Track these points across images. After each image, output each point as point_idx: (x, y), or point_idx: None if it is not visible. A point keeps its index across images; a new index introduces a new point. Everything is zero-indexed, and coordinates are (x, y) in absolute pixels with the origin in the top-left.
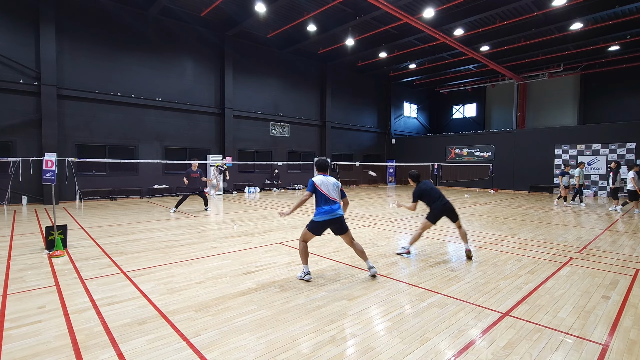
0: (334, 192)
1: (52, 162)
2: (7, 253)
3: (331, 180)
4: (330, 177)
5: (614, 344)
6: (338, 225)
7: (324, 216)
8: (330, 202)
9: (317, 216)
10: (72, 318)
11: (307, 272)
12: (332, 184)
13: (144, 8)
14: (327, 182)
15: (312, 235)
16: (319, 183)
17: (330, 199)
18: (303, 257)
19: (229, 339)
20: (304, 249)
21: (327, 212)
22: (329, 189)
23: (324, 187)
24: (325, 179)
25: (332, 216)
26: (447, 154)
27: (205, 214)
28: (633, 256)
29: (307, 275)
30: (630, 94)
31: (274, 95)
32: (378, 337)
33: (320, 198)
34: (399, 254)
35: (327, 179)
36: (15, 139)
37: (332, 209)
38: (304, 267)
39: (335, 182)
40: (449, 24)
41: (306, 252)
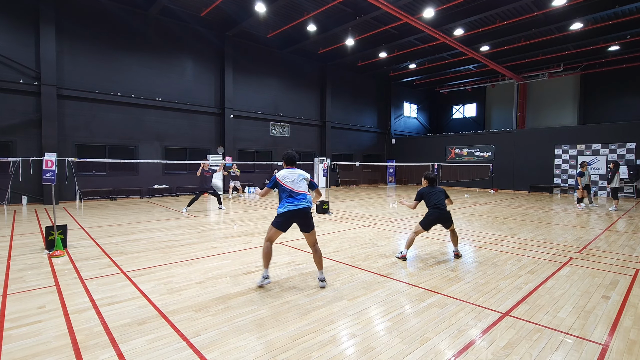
0: (300, 185)
1: (52, 162)
2: (7, 253)
3: (297, 172)
4: (296, 170)
5: (614, 344)
6: (303, 219)
7: (287, 207)
8: (295, 195)
9: (280, 209)
10: (72, 318)
11: (265, 277)
12: (297, 176)
13: (144, 8)
14: (291, 176)
15: (277, 232)
16: (282, 177)
17: (295, 192)
18: (265, 259)
19: (229, 339)
20: (267, 250)
21: (291, 202)
22: (294, 182)
23: (288, 181)
24: (290, 172)
25: (295, 206)
26: (447, 154)
27: (209, 213)
28: (633, 256)
29: (265, 280)
30: (630, 94)
31: (274, 95)
32: (378, 337)
33: (283, 193)
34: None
35: (293, 172)
36: (15, 139)
37: (296, 199)
38: (263, 271)
39: (303, 173)
40: (449, 24)
41: (269, 254)
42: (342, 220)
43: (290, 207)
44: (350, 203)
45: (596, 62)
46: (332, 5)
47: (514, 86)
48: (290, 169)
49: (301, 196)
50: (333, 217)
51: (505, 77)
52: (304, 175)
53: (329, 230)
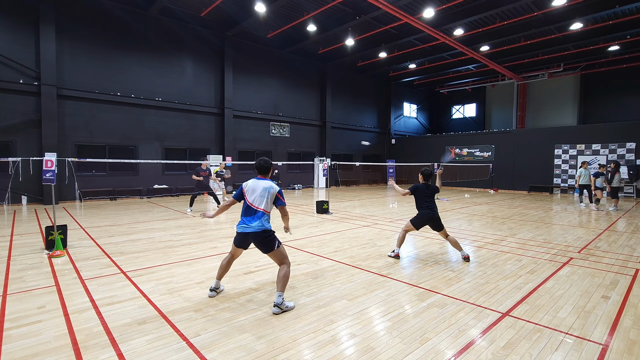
0: (259, 200)
1: (52, 162)
2: (7, 253)
3: (262, 184)
4: (263, 181)
5: (614, 344)
6: (257, 242)
7: (239, 226)
8: (251, 213)
9: (237, 226)
10: (72, 318)
11: (213, 288)
12: (261, 189)
13: (144, 8)
14: (255, 187)
15: (236, 249)
16: (247, 188)
17: (252, 207)
18: (219, 270)
19: (229, 339)
20: (224, 262)
21: (243, 223)
22: (254, 196)
23: (250, 193)
24: (256, 183)
25: (243, 229)
26: (447, 154)
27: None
28: (633, 256)
29: (211, 292)
30: (630, 94)
31: (274, 95)
32: (378, 337)
33: (243, 205)
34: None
35: (258, 182)
36: (15, 139)
37: (249, 220)
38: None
39: (269, 186)
40: (449, 24)
41: (225, 267)
42: (342, 220)
43: (240, 229)
44: (350, 203)
45: (596, 62)
46: (332, 5)
47: (514, 86)
48: (259, 179)
49: (256, 216)
50: (333, 217)
51: (505, 77)
52: (269, 189)
53: (329, 230)
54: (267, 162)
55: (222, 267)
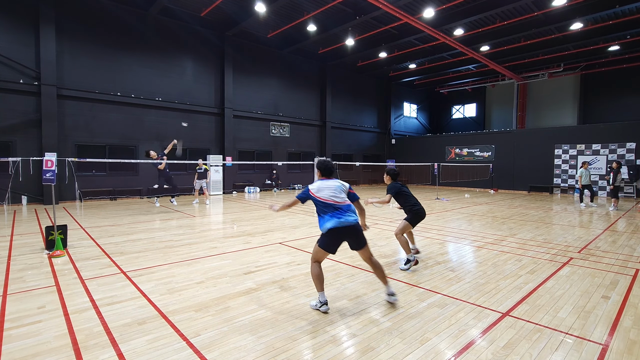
0: (339, 195)
1: (52, 162)
2: (7, 253)
3: (333, 182)
4: (332, 180)
5: (614, 344)
6: (353, 236)
7: (333, 223)
8: (338, 208)
9: (326, 224)
10: (72, 318)
11: (323, 302)
12: (335, 187)
13: (144, 8)
14: (328, 186)
15: (325, 254)
16: (316, 190)
17: (337, 204)
18: (317, 282)
19: (229, 339)
20: (316, 272)
21: (337, 217)
22: (331, 194)
23: (324, 193)
24: (325, 183)
25: (342, 223)
26: (447, 154)
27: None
28: (633, 256)
29: (323, 306)
30: (630, 94)
31: (274, 95)
32: (378, 337)
33: (322, 206)
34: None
35: (328, 182)
36: (15, 139)
37: (341, 214)
38: (319, 295)
39: (340, 184)
40: (449, 24)
41: (320, 276)
42: None
43: (337, 224)
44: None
45: (596, 62)
46: (332, 5)
47: (514, 86)
48: (326, 180)
49: (346, 207)
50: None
51: (505, 77)
52: (341, 186)
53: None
54: (330, 163)
55: (317, 277)
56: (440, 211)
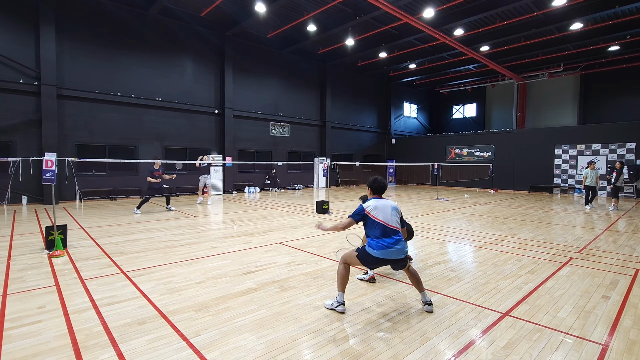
0: (394, 220)
1: (52, 162)
2: (7, 253)
3: (389, 203)
4: (388, 201)
5: (614, 344)
6: (400, 264)
7: (382, 251)
8: (389, 234)
9: (373, 249)
10: (72, 318)
11: (340, 302)
12: (390, 208)
13: (144, 8)
14: (384, 207)
15: (360, 265)
16: (372, 208)
17: (390, 228)
18: (340, 282)
19: (229, 339)
20: (344, 273)
21: (387, 247)
22: (386, 216)
23: (380, 213)
24: (380, 203)
25: (389, 255)
26: (447, 154)
27: (208, 213)
28: (633, 256)
29: (339, 306)
30: (630, 94)
31: (274, 95)
32: (378, 337)
33: (375, 227)
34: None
35: (384, 202)
36: (15, 139)
37: (392, 244)
38: (338, 295)
39: (395, 205)
40: (449, 24)
41: (346, 278)
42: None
43: (384, 255)
44: (350, 203)
45: (596, 62)
46: (332, 5)
47: (514, 86)
48: (380, 199)
49: (396, 236)
50: (333, 217)
51: (505, 77)
52: (397, 208)
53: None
54: (383, 181)
55: (341, 277)
56: (440, 211)
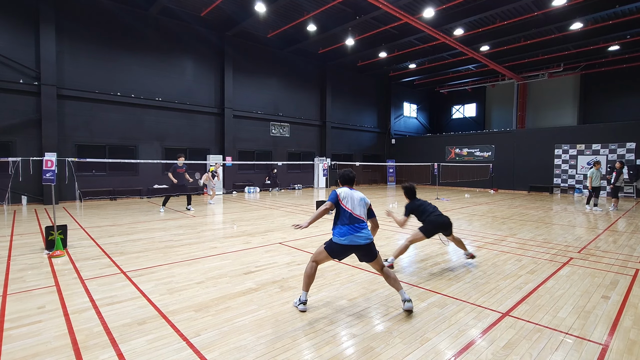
0: (360, 209)
1: (52, 162)
2: (7, 253)
3: (357, 194)
4: (355, 191)
5: (614, 344)
6: (363, 252)
7: (345, 239)
8: (354, 221)
9: (338, 237)
10: (72, 318)
11: (303, 301)
12: (358, 199)
13: (144, 8)
14: (352, 197)
15: (328, 258)
16: (343, 196)
17: (355, 216)
18: (305, 281)
19: (229, 339)
20: (310, 271)
21: (350, 233)
22: (354, 205)
23: (349, 201)
24: (350, 192)
25: (353, 242)
26: (447, 154)
27: (209, 213)
28: (633, 256)
29: (301, 305)
30: (630, 94)
31: (274, 95)
32: (378, 337)
33: (342, 215)
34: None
35: (352, 192)
36: (15, 139)
37: (356, 230)
38: (302, 294)
39: (363, 196)
40: (449, 24)
41: (311, 277)
42: None
43: (349, 242)
44: None
45: (596, 62)
46: (332, 5)
47: (514, 86)
48: (349, 189)
49: (361, 225)
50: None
51: (505, 77)
52: (365, 199)
53: (330, 231)
54: (352, 173)
55: (307, 276)
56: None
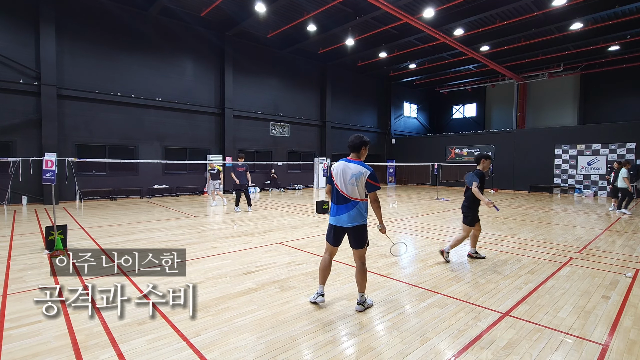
0: (350, 187)
1: (52, 162)
2: (7, 253)
3: (351, 169)
4: (352, 164)
5: (614, 344)
6: (350, 236)
7: (332, 218)
8: (342, 201)
9: (330, 216)
10: (72, 318)
11: (319, 293)
12: (350, 175)
13: (144, 8)
14: (344, 171)
15: (328, 245)
16: (336, 171)
17: (342, 195)
18: (320, 274)
19: (229, 339)
20: (322, 264)
21: (337, 213)
22: (344, 181)
23: (339, 178)
24: (345, 166)
25: (339, 223)
26: (447, 154)
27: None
28: (633, 256)
29: (319, 297)
30: (630, 94)
31: (274, 95)
32: (378, 337)
33: (333, 192)
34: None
35: (348, 166)
36: (15, 139)
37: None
38: (318, 287)
39: (357, 172)
40: (449, 24)
41: (324, 269)
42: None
43: (333, 221)
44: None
45: (596, 62)
46: (332, 5)
47: (514, 86)
48: (348, 161)
49: (348, 205)
50: None
51: (505, 77)
52: (358, 175)
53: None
54: (358, 138)
55: (321, 269)
56: (440, 211)
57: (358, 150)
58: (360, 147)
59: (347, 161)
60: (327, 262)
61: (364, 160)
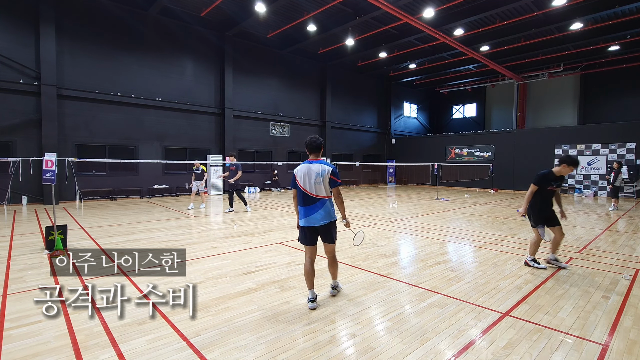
0: (316, 187)
1: (52, 162)
2: (7, 253)
3: (314, 169)
4: (314, 165)
5: (614, 344)
6: (322, 233)
7: (303, 220)
8: (310, 201)
9: (301, 219)
10: (72, 318)
11: (311, 299)
12: (314, 176)
13: (144, 8)
14: (308, 173)
15: (306, 247)
16: (299, 176)
17: (309, 196)
18: (306, 279)
19: (229, 339)
20: (305, 268)
21: (307, 215)
22: (310, 183)
23: (305, 180)
24: (307, 168)
25: (309, 222)
26: (447, 154)
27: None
28: (633, 256)
29: (310, 303)
30: (630, 94)
31: (274, 95)
32: (378, 337)
33: (300, 195)
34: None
35: (310, 167)
36: (15, 139)
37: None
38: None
39: (320, 170)
40: (449, 24)
41: (309, 272)
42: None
43: (304, 223)
44: (350, 203)
45: (596, 62)
46: (332, 5)
47: (514, 86)
48: (311, 162)
49: (317, 205)
50: None
51: (505, 77)
52: (321, 173)
53: None
54: (318, 139)
55: (306, 273)
56: (440, 211)
57: (318, 151)
58: (320, 147)
59: (309, 162)
60: (310, 266)
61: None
